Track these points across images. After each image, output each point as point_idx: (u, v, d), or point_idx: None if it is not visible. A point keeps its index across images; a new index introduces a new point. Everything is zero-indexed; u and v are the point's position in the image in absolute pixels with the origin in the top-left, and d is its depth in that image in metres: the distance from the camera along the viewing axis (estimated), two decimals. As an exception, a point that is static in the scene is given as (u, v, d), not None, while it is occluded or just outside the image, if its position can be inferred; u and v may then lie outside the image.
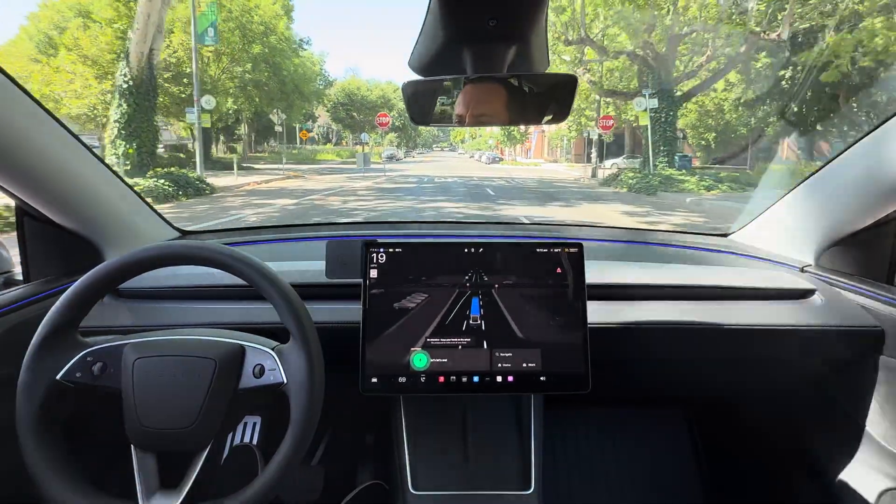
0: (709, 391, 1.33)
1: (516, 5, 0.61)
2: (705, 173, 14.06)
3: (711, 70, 14.52)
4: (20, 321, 0.85)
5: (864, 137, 0.96)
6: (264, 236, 1.44)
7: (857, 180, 1.00)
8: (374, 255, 0.86)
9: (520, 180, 17.19)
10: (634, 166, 16.49)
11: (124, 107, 11.32)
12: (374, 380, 0.83)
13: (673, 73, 14.42)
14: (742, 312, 1.00)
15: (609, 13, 13.73)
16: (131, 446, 0.67)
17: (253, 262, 0.70)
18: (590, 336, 0.84)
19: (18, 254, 0.99)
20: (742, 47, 13.36)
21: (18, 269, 1.00)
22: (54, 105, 13.85)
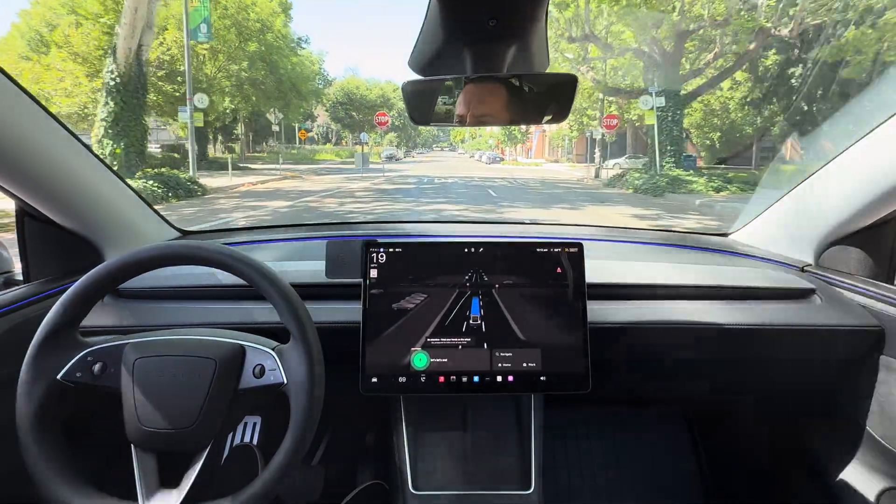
0: (709, 391, 1.31)
1: (516, 5, 0.61)
2: (713, 174, 13.75)
3: (718, 68, 14.21)
4: (20, 321, 0.85)
5: (864, 137, 0.96)
6: (264, 236, 1.44)
7: (857, 180, 0.99)
8: (374, 254, 0.86)
9: (522, 181, 17.08)
10: (637, 166, 16.21)
11: (111, 105, 10.74)
12: (375, 380, 0.84)
13: (679, 71, 14.09)
14: (742, 312, 0.99)
15: (614, 9, 13.32)
16: (131, 446, 0.67)
17: (253, 262, 0.70)
18: (590, 336, 0.85)
19: (18, 254, 0.99)
20: (751, 44, 13.00)
21: (19, 269, 1.00)
22: (44, 104, 13.42)
